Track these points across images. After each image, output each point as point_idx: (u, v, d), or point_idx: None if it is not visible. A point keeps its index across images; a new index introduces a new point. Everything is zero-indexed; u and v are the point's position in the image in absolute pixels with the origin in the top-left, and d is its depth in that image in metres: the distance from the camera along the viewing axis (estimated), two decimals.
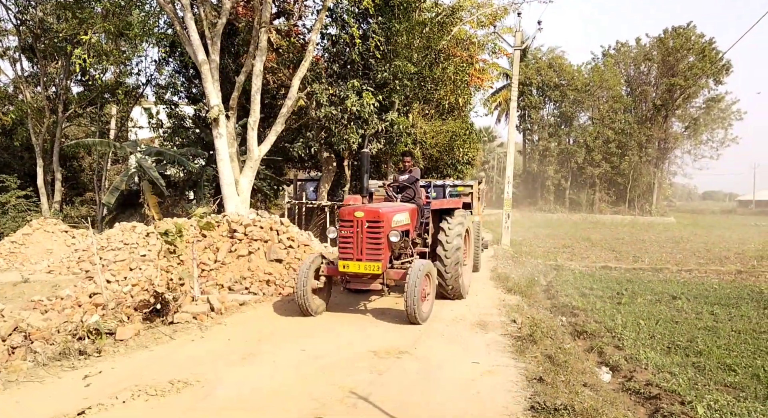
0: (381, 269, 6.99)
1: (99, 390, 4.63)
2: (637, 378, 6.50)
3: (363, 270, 7.04)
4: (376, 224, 7.06)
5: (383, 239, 7.07)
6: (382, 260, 7.07)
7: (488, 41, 23.13)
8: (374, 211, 7.12)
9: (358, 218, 7.10)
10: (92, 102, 22.76)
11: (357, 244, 7.09)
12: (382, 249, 7.07)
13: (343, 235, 7.17)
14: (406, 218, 7.80)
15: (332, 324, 7.12)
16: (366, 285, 7.23)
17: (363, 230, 7.07)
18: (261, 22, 12.93)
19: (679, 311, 10.67)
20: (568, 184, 52.58)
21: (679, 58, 47.64)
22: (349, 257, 7.14)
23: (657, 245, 24.44)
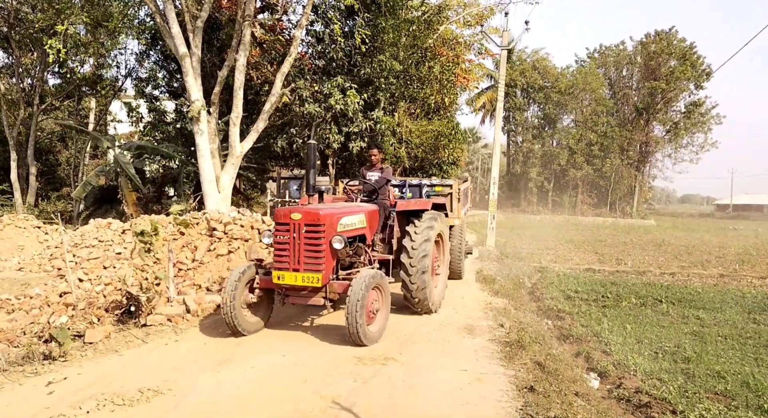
0: (321, 282, 5.92)
1: (62, 398, 4.32)
2: (626, 385, 6.37)
3: (300, 282, 5.97)
4: (316, 228, 6.00)
5: (324, 245, 6.00)
6: (323, 270, 5.98)
7: (474, 41, 23.04)
8: (313, 212, 6.05)
9: (295, 221, 6.03)
10: (70, 95, 22.14)
11: (293, 251, 6.00)
12: (323, 258, 5.99)
13: (278, 241, 6.13)
14: (359, 221, 6.79)
15: (280, 339, 6.83)
16: (305, 300, 6.16)
17: (300, 235, 6.00)
18: (245, 16, 12.59)
19: (664, 315, 10.63)
20: (551, 186, 52.87)
21: (661, 62, 48.14)
22: (284, 266, 6.04)
23: (639, 247, 24.57)
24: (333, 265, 6.25)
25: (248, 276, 6.32)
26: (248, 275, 6.32)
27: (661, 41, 48.03)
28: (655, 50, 48.01)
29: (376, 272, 6.24)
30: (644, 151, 51.99)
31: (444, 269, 8.32)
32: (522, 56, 52.35)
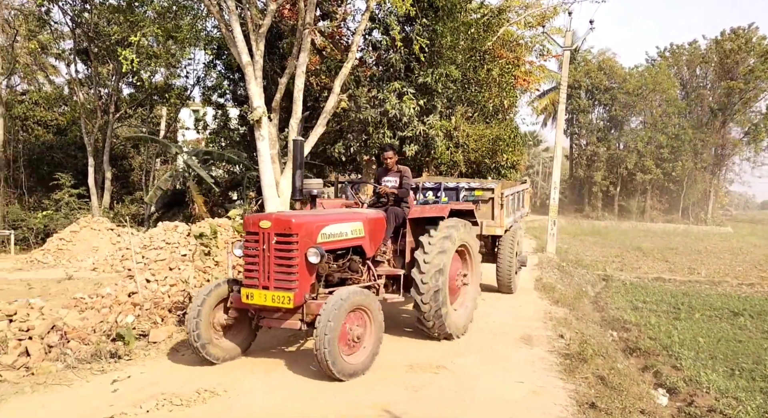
0: (294, 302, 4.98)
1: (124, 397, 4.50)
2: (698, 403, 5.96)
3: (270, 302, 5.07)
4: (287, 238, 5.08)
5: (297, 258, 5.05)
6: (296, 288, 5.04)
7: (536, 42, 22.47)
8: (285, 220, 5.17)
9: (264, 230, 5.14)
10: (142, 103, 23.35)
11: (263, 266, 5.13)
12: (296, 273, 5.05)
13: (247, 253, 5.31)
14: (354, 231, 5.81)
15: None
16: (279, 323, 5.27)
17: (270, 246, 5.11)
18: (305, 23, 12.83)
19: (741, 329, 9.93)
20: (617, 190, 50.78)
21: (739, 60, 45.30)
22: (253, 283, 5.19)
23: (714, 255, 23.15)
24: (311, 281, 5.27)
25: (219, 295, 5.44)
26: (218, 293, 5.45)
27: (738, 39, 45.24)
28: (731, 48, 45.25)
29: (357, 289, 5.24)
30: (720, 154, 49.05)
31: (473, 287, 7.11)
32: (587, 57, 50.71)
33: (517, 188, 10.36)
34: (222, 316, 5.46)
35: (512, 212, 9.72)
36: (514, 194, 9.85)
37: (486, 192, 8.88)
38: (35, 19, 20.16)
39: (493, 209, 8.79)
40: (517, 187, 10.55)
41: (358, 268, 6.04)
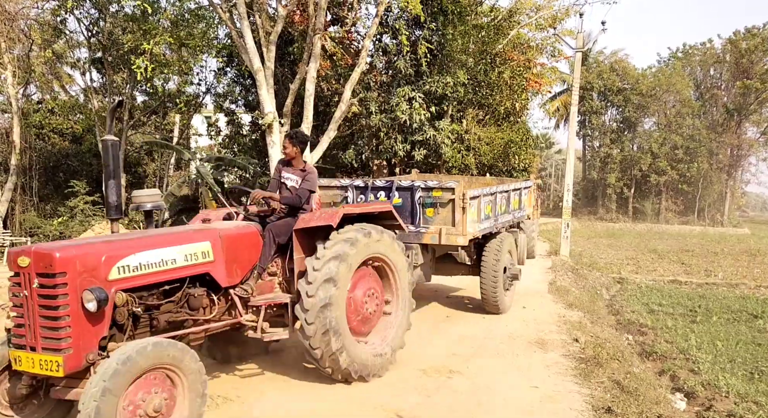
0: (64, 368, 3.58)
1: None
2: (716, 408, 5.86)
3: (38, 369, 3.68)
4: (50, 281, 3.66)
5: (65, 307, 3.64)
6: (68, 348, 3.63)
7: (547, 44, 22.38)
8: (46, 254, 3.69)
9: (24, 269, 3.74)
10: (156, 111, 23.59)
11: (27, 319, 3.74)
12: (65, 328, 3.64)
13: (14, 302, 3.90)
14: (184, 256, 4.32)
15: None
16: (65, 393, 3.79)
17: (32, 291, 3.70)
18: (315, 28, 12.90)
19: (761, 332, 9.76)
20: (632, 192, 50.24)
21: (754, 60, 44.73)
22: (21, 342, 3.80)
23: (731, 258, 22.79)
24: (100, 335, 3.80)
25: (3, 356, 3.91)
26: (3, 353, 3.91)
27: (754, 38, 44.70)
28: (747, 48, 44.71)
29: (155, 342, 3.69)
30: (736, 154, 48.38)
31: (399, 317, 5.59)
32: (599, 58, 50.38)
33: (500, 188, 8.45)
34: (12, 384, 3.91)
35: (492, 216, 8.02)
36: (494, 195, 8.06)
37: (445, 192, 6.96)
38: (51, 28, 20.47)
39: (453, 213, 6.90)
40: (502, 186, 8.71)
41: (201, 304, 4.51)
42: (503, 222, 8.47)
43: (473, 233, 7.23)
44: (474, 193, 7.20)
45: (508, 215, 8.72)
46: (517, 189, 9.28)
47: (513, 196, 8.97)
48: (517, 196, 9.21)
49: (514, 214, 9.10)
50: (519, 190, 9.36)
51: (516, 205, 9.12)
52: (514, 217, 9.06)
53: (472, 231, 7.18)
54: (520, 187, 9.46)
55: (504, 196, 8.52)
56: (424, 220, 7.07)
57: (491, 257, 7.70)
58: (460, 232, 6.92)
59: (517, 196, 9.21)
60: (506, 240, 8.16)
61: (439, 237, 6.90)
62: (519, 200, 9.29)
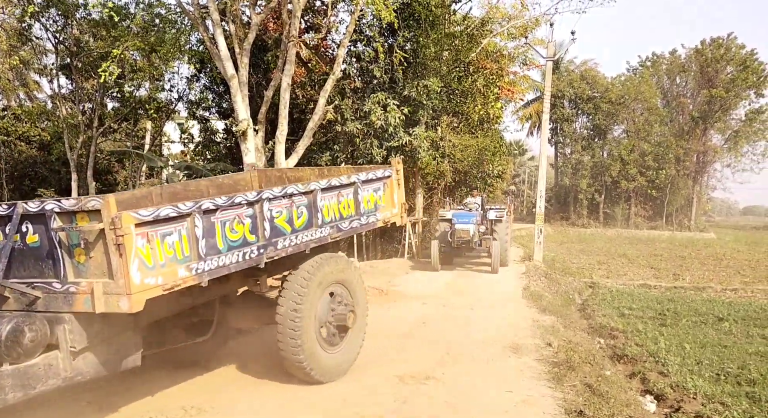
0: None
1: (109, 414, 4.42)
2: (685, 409, 6.00)
3: None
4: None
5: None
6: None
7: (519, 53, 22.75)
8: None
9: None
10: (127, 118, 23.18)
11: None
12: None
13: None
14: None
15: None
16: None
17: None
18: (290, 36, 12.89)
19: (726, 335, 10.02)
20: (602, 198, 51.22)
21: (719, 69, 46.20)
22: None
23: (698, 261, 23.40)
24: None
25: None
26: None
27: (718, 48, 46.18)
28: (712, 57, 46.17)
29: None
30: (702, 161, 49.76)
31: None
32: (570, 67, 51.38)
33: (274, 191, 4.84)
34: None
35: (259, 238, 4.65)
36: (247, 205, 4.58)
37: (92, 219, 3.75)
38: (16, 34, 20.00)
39: (108, 256, 3.72)
40: (294, 186, 5.10)
41: None
42: (299, 243, 4.97)
43: (157, 285, 3.82)
44: (149, 215, 3.84)
45: (319, 229, 5.19)
46: (344, 186, 5.53)
47: (329, 199, 5.34)
48: (351, 196, 5.62)
49: (343, 224, 5.52)
50: (348, 187, 5.60)
51: (347, 210, 5.59)
52: (339, 229, 5.47)
53: (154, 282, 3.81)
54: (348, 182, 5.58)
55: (303, 200, 5.05)
56: (75, 270, 3.83)
57: (291, 296, 4.90)
58: (122, 289, 3.66)
59: (351, 196, 5.62)
60: (324, 267, 5.18)
61: (92, 301, 3.68)
62: (355, 202, 5.66)
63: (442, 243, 14.20)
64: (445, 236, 14.18)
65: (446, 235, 14.15)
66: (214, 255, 4.20)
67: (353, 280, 5.61)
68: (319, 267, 5.13)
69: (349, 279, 5.55)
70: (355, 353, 5.59)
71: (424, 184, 19.20)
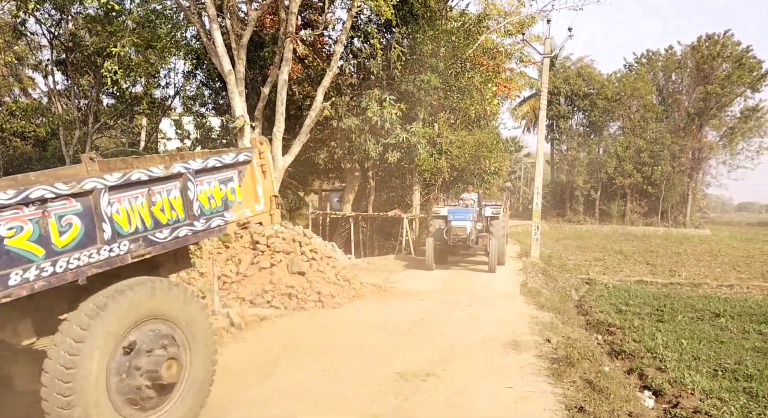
0: None
1: None
2: (683, 405, 6.01)
3: None
4: None
5: None
6: None
7: (515, 50, 22.75)
8: None
9: None
10: (122, 114, 23.06)
11: None
12: None
13: None
14: None
15: None
16: None
17: None
18: (287, 32, 12.85)
19: (723, 330, 10.07)
20: (598, 194, 51.37)
21: (715, 66, 46.38)
22: None
23: (693, 258, 23.51)
24: None
25: None
26: None
27: (714, 45, 46.32)
28: (709, 54, 46.33)
29: None
30: (697, 157, 49.97)
31: None
32: (566, 64, 51.41)
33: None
34: None
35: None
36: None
37: None
38: (10, 29, 19.84)
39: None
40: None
41: None
42: (61, 271, 3.34)
43: None
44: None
45: (106, 246, 3.57)
46: (158, 180, 3.93)
47: (129, 201, 3.75)
48: (176, 193, 4.04)
49: (160, 234, 3.89)
50: (167, 181, 4.00)
51: (167, 214, 3.98)
52: (151, 242, 3.84)
53: None
54: (164, 173, 3.97)
55: (73, 206, 3.45)
56: None
57: (58, 354, 3.34)
58: None
59: (176, 193, 4.04)
60: (117, 303, 3.57)
61: None
62: (184, 200, 4.08)
63: (437, 241, 13.77)
64: (441, 234, 13.76)
65: (441, 232, 13.74)
66: None
67: (183, 311, 3.91)
68: (108, 304, 3.48)
69: (175, 311, 3.86)
70: (195, 412, 4.02)
71: (422, 181, 19.20)
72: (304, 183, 23.50)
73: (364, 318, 8.14)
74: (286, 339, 6.76)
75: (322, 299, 8.84)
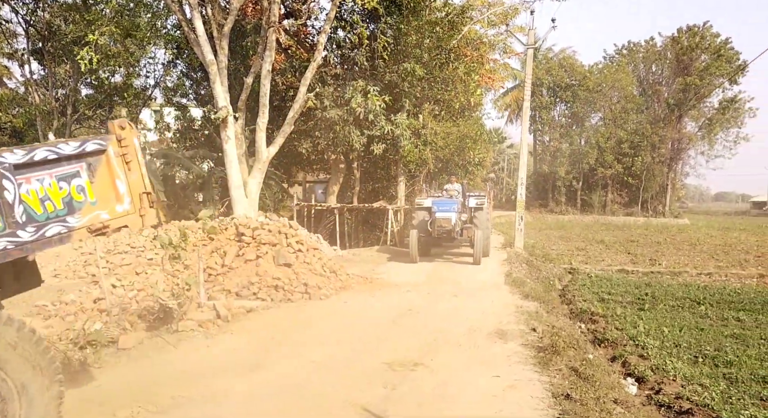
0: None
1: (96, 407, 4.36)
2: (665, 391, 6.13)
3: None
4: None
5: None
6: None
7: (499, 41, 22.78)
8: None
9: None
10: (101, 104, 22.64)
11: None
12: None
13: None
14: None
15: None
16: None
17: None
18: (270, 22, 12.69)
19: (703, 318, 10.26)
20: (580, 185, 51.91)
21: (694, 57, 47.01)
22: None
23: (673, 247, 23.89)
24: None
25: None
26: None
27: (694, 37, 46.90)
28: (688, 45, 46.91)
29: None
30: (676, 148, 50.71)
31: None
32: (548, 55, 51.67)
33: None
34: None
35: None
36: None
37: None
38: None
39: None
40: None
41: None
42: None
43: None
44: None
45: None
46: None
47: None
48: None
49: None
50: None
51: None
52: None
53: None
54: None
55: None
56: None
57: None
58: None
59: None
60: None
61: None
62: None
63: (421, 233, 13.50)
64: (424, 226, 13.50)
65: (425, 224, 13.49)
66: None
67: (12, 354, 3.07)
68: None
69: None
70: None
71: (407, 172, 19.20)
72: (288, 175, 23.38)
73: (351, 309, 8.15)
74: (274, 331, 6.74)
75: (309, 290, 8.82)
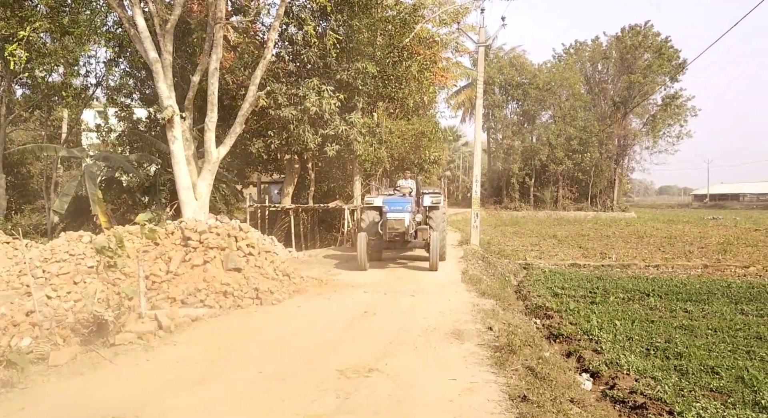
0: None
1: None
2: (620, 385, 6.17)
3: None
4: None
5: None
6: None
7: (451, 40, 22.88)
8: None
9: None
10: (38, 105, 21.47)
11: None
12: None
13: None
14: None
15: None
16: None
17: None
18: (216, 18, 12.25)
19: (652, 310, 10.50)
20: (533, 181, 53.00)
21: (637, 55, 48.74)
22: None
23: (621, 240, 24.60)
24: None
25: None
26: None
27: (636, 35, 48.58)
28: (631, 44, 48.56)
29: None
30: (622, 144, 52.49)
31: None
32: (499, 54, 52.49)
33: None
34: None
35: None
36: None
37: None
38: None
39: None
40: None
41: None
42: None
43: None
44: None
45: None
46: None
47: None
48: None
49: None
50: None
51: None
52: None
53: None
54: None
55: None
56: None
57: None
58: None
59: None
60: None
61: None
62: None
63: (370, 236, 12.13)
64: (375, 227, 12.26)
65: (375, 226, 12.26)
66: None
67: None
68: None
69: None
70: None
71: (362, 171, 19.02)
72: (241, 176, 22.80)
73: (305, 313, 7.89)
74: (221, 340, 6.41)
75: (260, 295, 8.51)
